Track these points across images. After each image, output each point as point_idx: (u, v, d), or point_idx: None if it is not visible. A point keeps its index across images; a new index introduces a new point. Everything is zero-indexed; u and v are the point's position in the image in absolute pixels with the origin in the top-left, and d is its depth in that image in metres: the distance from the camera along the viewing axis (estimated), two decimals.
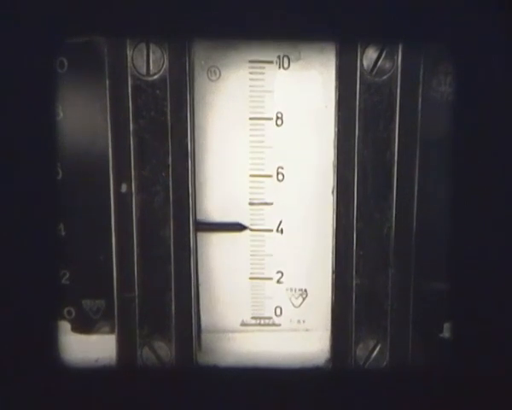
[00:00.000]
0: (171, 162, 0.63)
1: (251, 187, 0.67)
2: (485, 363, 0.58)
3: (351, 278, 0.64)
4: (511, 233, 0.57)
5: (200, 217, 0.67)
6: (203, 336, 0.70)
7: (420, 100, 0.62)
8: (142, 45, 0.61)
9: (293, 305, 0.70)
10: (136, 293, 0.64)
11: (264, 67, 0.65)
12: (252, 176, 0.67)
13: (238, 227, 0.68)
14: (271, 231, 0.68)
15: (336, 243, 0.64)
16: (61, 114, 0.63)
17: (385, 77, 0.61)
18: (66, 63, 0.62)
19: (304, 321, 0.71)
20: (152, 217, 0.63)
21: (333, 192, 0.64)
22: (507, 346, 0.58)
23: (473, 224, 0.57)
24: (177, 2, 0.55)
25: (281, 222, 0.68)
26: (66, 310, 0.67)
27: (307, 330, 0.71)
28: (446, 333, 0.66)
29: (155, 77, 0.61)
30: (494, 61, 0.55)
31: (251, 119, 0.66)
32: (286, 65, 0.65)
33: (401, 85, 0.61)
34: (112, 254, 0.64)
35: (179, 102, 0.62)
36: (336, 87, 0.62)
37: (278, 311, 0.70)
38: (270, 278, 0.69)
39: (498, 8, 0.53)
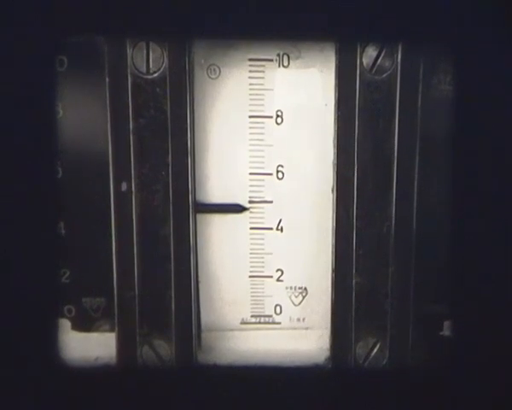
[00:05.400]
0: (171, 160, 0.63)
1: (251, 185, 0.67)
2: (485, 363, 0.58)
3: (350, 277, 0.64)
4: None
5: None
6: (203, 334, 0.70)
7: (420, 98, 0.62)
8: (142, 44, 0.61)
9: (293, 303, 0.70)
10: (137, 291, 0.64)
11: (263, 66, 0.65)
12: (251, 174, 0.67)
13: (238, 208, 0.68)
14: (271, 229, 0.68)
15: (336, 241, 0.64)
16: (61, 113, 0.63)
17: (385, 75, 0.61)
18: (66, 61, 0.62)
19: (304, 319, 0.71)
20: (152, 215, 0.63)
21: (333, 191, 0.64)
22: (507, 346, 0.58)
23: (473, 222, 0.57)
24: (176, 1, 0.55)
25: (280, 220, 0.68)
26: (66, 308, 0.67)
27: (307, 328, 0.71)
28: (446, 331, 0.66)
29: (155, 75, 0.61)
30: (494, 60, 0.55)
31: (251, 117, 0.66)
32: (286, 63, 0.65)
33: (401, 84, 0.61)
34: (112, 253, 0.64)
35: (179, 100, 0.62)
36: (336, 85, 0.62)
37: (278, 309, 0.70)
38: (270, 277, 0.69)
39: (498, 8, 0.53)
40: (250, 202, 0.68)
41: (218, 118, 0.66)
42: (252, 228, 0.68)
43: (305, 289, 0.70)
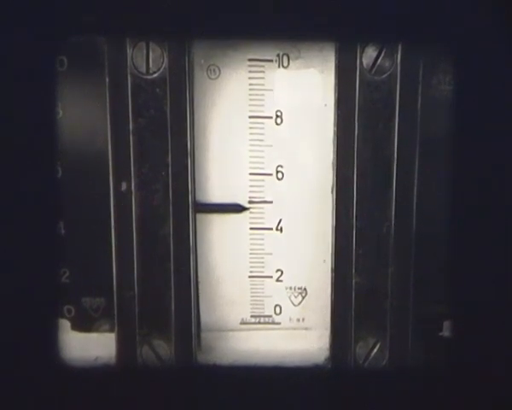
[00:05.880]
0: (171, 160, 0.63)
1: (250, 185, 0.67)
2: (485, 362, 0.58)
3: (350, 277, 0.64)
4: (511, 231, 0.57)
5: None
6: (203, 334, 0.70)
7: (419, 98, 0.62)
8: (142, 44, 0.61)
9: (292, 303, 0.70)
10: (136, 291, 0.64)
11: (263, 66, 0.65)
12: (251, 174, 0.67)
13: (238, 208, 0.68)
14: (271, 229, 0.68)
15: (336, 241, 0.64)
16: (61, 113, 0.62)
17: (384, 75, 0.61)
18: (66, 61, 0.62)
19: (303, 320, 0.71)
20: (151, 215, 0.63)
21: (332, 191, 0.64)
22: (507, 345, 0.58)
23: (473, 222, 0.57)
24: (176, 1, 0.55)
25: (280, 220, 0.68)
26: (65, 308, 0.67)
27: (307, 328, 0.71)
28: (446, 332, 0.66)
29: (155, 75, 0.61)
30: (494, 60, 0.55)
31: (250, 117, 0.66)
32: (285, 63, 0.65)
33: (401, 84, 0.61)
34: (111, 253, 0.64)
35: (179, 100, 0.62)
36: (336, 85, 0.62)
37: (278, 309, 0.70)
38: (270, 277, 0.69)
39: (498, 8, 0.53)
40: (250, 202, 0.68)
41: (218, 118, 0.66)
42: (251, 228, 0.68)
43: (305, 289, 0.70)
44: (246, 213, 0.68)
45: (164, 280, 0.64)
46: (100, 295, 0.67)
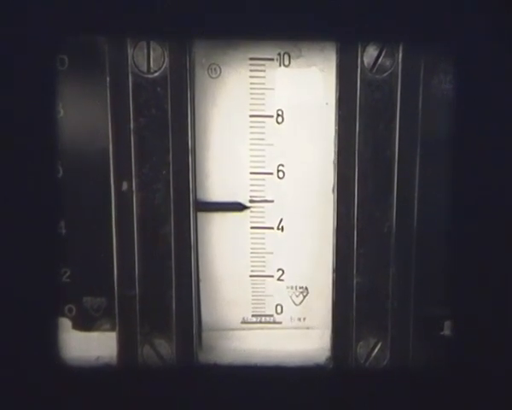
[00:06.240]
0: (172, 159, 0.62)
1: (251, 184, 0.67)
2: (485, 362, 0.58)
3: (351, 277, 0.64)
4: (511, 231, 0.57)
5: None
6: (204, 333, 0.70)
7: (420, 98, 0.61)
8: (143, 43, 0.61)
9: (293, 303, 0.70)
10: (137, 291, 0.64)
11: (264, 65, 0.65)
12: (252, 173, 0.67)
13: (239, 207, 0.68)
14: (272, 228, 0.68)
15: (337, 241, 0.64)
16: (62, 112, 0.63)
17: (385, 74, 0.61)
18: (66, 61, 0.62)
19: (304, 319, 0.71)
20: (153, 214, 0.63)
21: (333, 190, 0.64)
22: (507, 346, 0.58)
23: (473, 222, 0.57)
24: (177, 1, 0.55)
25: (281, 220, 0.68)
26: (66, 308, 0.67)
27: (308, 328, 0.71)
28: (447, 331, 0.66)
29: (156, 74, 0.61)
30: (494, 60, 0.54)
31: (251, 116, 0.66)
32: (286, 62, 0.65)
33: (402, 83, 0.61)
34: (112, 252, 0.64)
35: (180, 99, 0.62)
36: (337, 85, 0.62)
37: (279, 309, 0.70)
38: (271, 276, 0.69)
39: (498, 8, 0.53)
40: (251, 201, 0.68)
41: (219, 117, 0.66)
42: (252, 227, 0.68)
43: (306, 288, 0.70)
44: (247, 212, 0.68)
45: (165, 279, 0.64)
46: (101, 295, 0.67)
